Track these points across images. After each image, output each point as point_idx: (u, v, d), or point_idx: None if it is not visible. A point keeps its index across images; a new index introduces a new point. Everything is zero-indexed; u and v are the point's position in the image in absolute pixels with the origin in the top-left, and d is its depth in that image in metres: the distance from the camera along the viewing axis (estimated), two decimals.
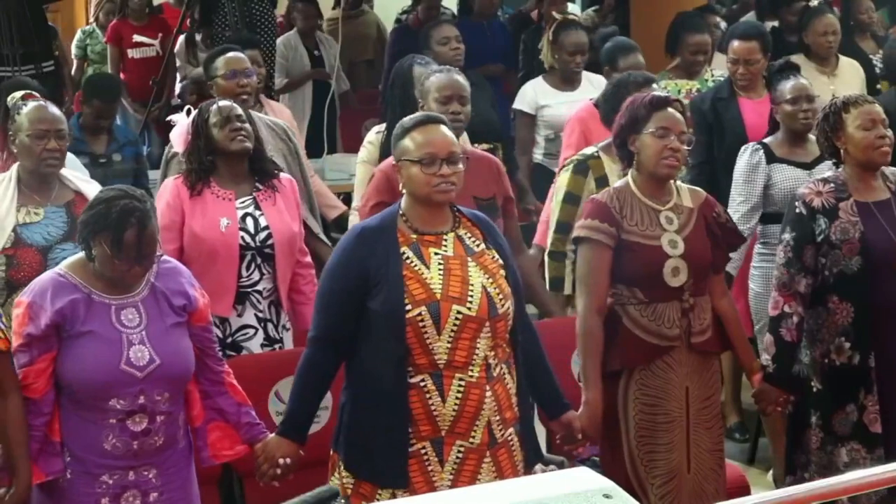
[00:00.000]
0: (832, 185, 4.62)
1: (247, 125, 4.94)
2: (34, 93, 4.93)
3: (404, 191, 3.91)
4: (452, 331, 3.77)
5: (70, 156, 5.67)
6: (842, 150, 4.65)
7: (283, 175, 5.14)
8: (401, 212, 3.90)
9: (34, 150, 4.66)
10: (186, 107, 5.10)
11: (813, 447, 4.64)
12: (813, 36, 6.95)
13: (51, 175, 4.72)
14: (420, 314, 3.75)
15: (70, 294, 3.81)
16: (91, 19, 10.82)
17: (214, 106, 4.95)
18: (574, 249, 5.28)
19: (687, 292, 4.39)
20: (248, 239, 4.88)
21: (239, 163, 4.95)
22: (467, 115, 5.09)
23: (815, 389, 4.64)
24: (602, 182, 5.26)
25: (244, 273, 4.89)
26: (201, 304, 3.99)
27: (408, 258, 3.82)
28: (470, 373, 3.79)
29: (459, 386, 3.78)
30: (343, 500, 3.83)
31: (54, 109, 4.80)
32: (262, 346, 4.93)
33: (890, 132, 4.62)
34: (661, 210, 4.43)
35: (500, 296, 3.85)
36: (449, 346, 3.77)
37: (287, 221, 4.96)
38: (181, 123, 5.00)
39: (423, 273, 3.80)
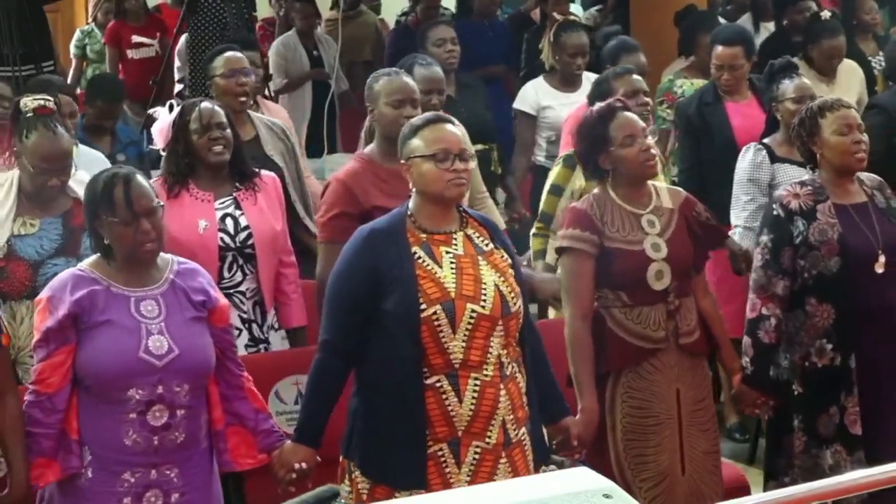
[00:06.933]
0: (810, 187, 4.62)
1: (227, 132, 4.86)
2: (47, 105, 4.49)
3: (413, 191, 3.90)
4: (467, 330, 3.76)
5: (85, 149, 5.66)
6: (818, 155, 4.65)
7: (265, 173, 5.06)
8: (409, 213, 3.89)
9: (36, 180, 4.54)
10: (169, 102, 5.02)
11: (797, 451, 4.62)
12: (818, 53, 6.85)
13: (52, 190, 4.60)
14: (435, 313, 3.75)
15: (89, 286, 3.82)
16: (90, 19, 10.81)
17: (196, 110, 4.84)
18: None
19: (672, 294, 4.40)
20: (227, 240, 4.82)
21: (218, 167, 4.89)
22: None
23: (796, 393, 4.63)
24: None
25: (226, 274, 4.83)
26: (221, 304, 3.99)
27: (420, 258, 3.81)
28: (485, 372, 3.78)
29: (475, 386, 3.77)
30: (343, 502, 3.83)
31: (64, 143, 4.49)
32: (247, 346, 4.87)
33: (865, 137, 4.62)
34: (643, 214, 4.44)
35: (512, 294, 3.85)
36: (464, 345, 3.76)
37: (269, 220, 4.90)
38: (163, 119, 4.91)
39: (436, 272, 3.79)
